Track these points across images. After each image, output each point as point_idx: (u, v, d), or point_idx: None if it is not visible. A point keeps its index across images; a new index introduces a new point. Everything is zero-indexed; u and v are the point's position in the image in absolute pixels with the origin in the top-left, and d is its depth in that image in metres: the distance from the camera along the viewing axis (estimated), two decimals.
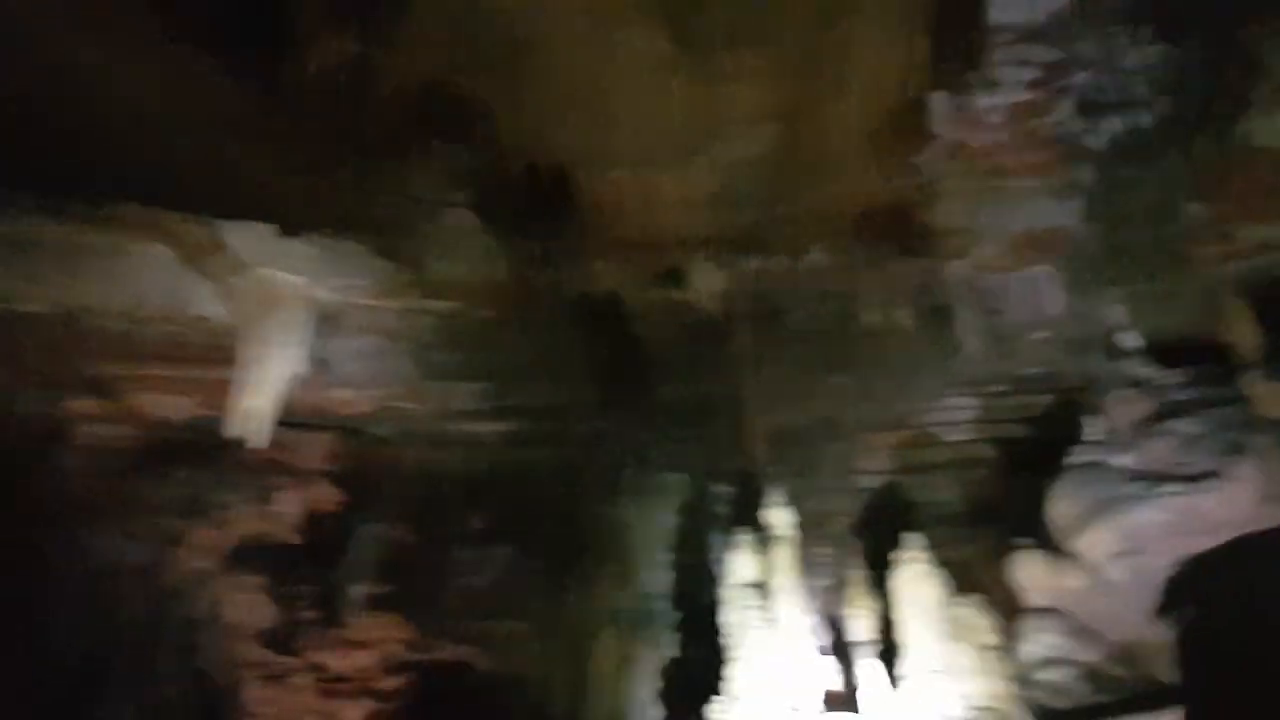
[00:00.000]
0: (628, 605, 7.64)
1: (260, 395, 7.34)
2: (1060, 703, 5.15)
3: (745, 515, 6.40)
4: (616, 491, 7.66)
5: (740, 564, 5.66)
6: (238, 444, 7.55)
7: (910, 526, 5.93)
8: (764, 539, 5.97)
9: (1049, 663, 5.45)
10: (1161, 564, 5.32)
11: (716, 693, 5.52)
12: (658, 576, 7.92)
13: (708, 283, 6.63)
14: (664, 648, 7.50)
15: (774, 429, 7.27)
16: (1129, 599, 5.49)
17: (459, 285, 7.51)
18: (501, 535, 7.74)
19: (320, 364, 7.94)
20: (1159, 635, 5.33)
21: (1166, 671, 5.15)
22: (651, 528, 7.81)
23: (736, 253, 6.68)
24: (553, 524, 7.77)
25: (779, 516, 6.08)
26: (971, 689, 4.89)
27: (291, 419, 8.37)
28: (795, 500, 6.43)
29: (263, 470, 8.58)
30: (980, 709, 4.81)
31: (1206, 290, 5.93)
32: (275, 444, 8.37)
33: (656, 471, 7.91)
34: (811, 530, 6.50)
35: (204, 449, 7.72)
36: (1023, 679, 5.34)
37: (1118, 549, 5.56)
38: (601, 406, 7.72)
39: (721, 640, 5.47)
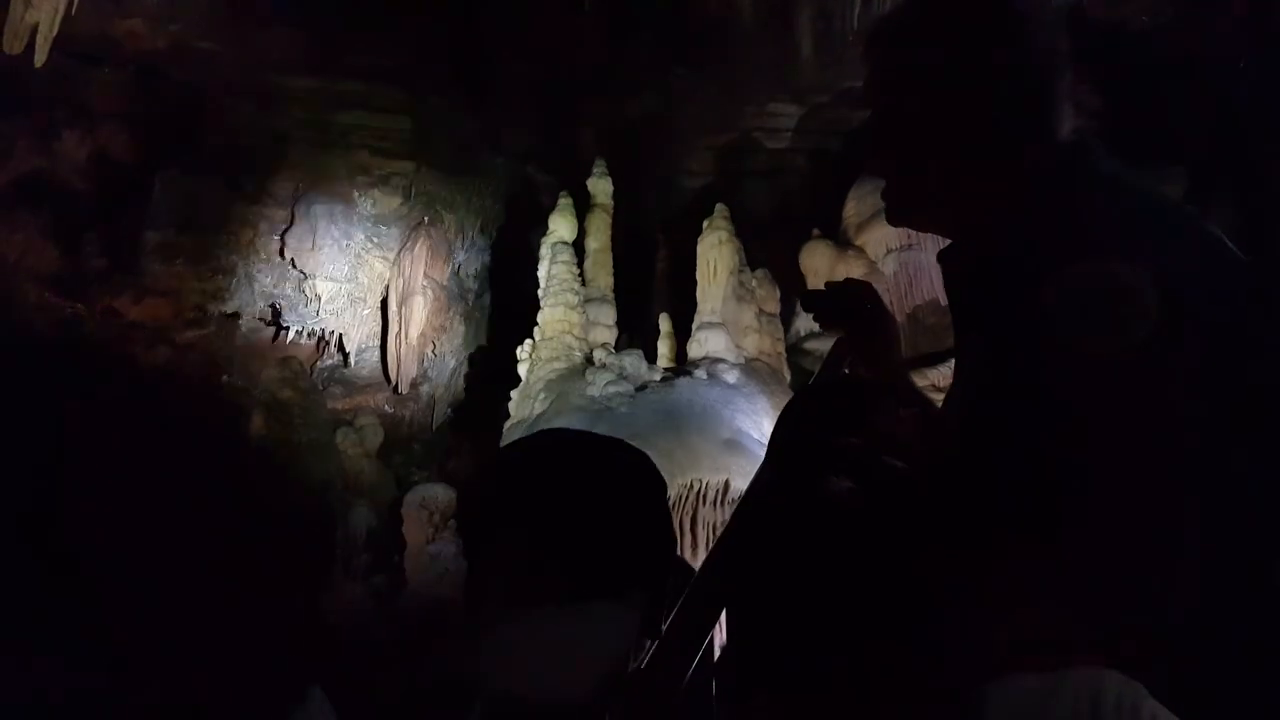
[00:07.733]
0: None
1: (40, 7, 6.46)
2: (817, 367, 5.86)
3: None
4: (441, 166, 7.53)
5: (558, 224, 5.83)
6: (16, 72, 6.73)
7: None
8: (583, 204, 6.14)
9: (816, 334, 6.18)
10: (927, 259, 6.01)
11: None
12: (474, 257, 8.07)
13: None
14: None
15: (608, 118, 7.28)
16: (894, 288, 6.24)
17: None
18: (316, 197, 7.49)
19: None
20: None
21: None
22: (473, 209, 7.83)
23: None
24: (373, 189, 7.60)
25: (599, 185, 6.24)
26: (748, 343, 5.48)
27: (80, 50, 7.44)
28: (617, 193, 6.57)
29: (45, 104, 7.71)
30: (751, 359, 5.42)
31: None
32: (59, 77, 7.48)
33: (488, 152, 7.81)
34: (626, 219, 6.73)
35: None
36: (792, 344, 6.04)
37: (894, 245, 6.23)
38: (443, 78, 7.36)
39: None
